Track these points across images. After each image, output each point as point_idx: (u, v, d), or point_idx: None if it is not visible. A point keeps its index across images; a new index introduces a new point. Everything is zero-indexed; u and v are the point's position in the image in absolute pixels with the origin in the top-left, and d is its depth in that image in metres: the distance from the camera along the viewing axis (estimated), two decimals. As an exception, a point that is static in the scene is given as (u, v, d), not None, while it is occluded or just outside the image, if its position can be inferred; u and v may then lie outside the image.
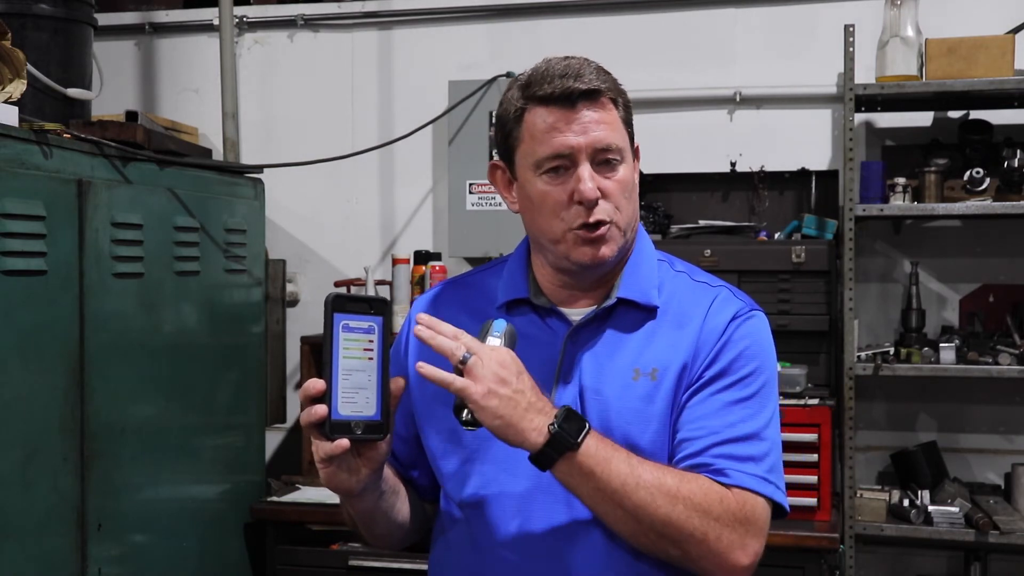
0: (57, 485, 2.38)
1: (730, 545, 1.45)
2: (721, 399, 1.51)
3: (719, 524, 1.44)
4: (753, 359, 1.54)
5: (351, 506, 1.56)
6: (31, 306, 2.30)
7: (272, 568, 3.12)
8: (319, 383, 1.36)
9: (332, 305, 1.35)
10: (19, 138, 2.29)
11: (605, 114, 1.52)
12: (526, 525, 1.51)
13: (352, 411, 1.36)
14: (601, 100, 1.52)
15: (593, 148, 1.51)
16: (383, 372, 1.38)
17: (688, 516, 1.43)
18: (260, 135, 3.90)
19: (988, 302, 3.38)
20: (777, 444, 1.55)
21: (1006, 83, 3.02)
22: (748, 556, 1.47)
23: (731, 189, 3.54)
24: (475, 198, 3.53)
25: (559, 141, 1.50)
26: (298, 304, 3.86)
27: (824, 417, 2.95)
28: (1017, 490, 3.13)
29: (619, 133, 1.54)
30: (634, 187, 1.57)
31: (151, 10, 3.99)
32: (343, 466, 1.41)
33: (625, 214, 1.54)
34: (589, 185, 1.49)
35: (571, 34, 3.61)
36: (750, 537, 1.47)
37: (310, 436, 1.39)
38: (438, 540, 1.65)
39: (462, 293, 1.68)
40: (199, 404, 2.96)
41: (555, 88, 1.50)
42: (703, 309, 1.56)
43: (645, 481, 1.43)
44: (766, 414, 1.54)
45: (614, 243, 1.54)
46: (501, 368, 1.39)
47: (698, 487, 1.45)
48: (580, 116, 1.51)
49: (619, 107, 1.55)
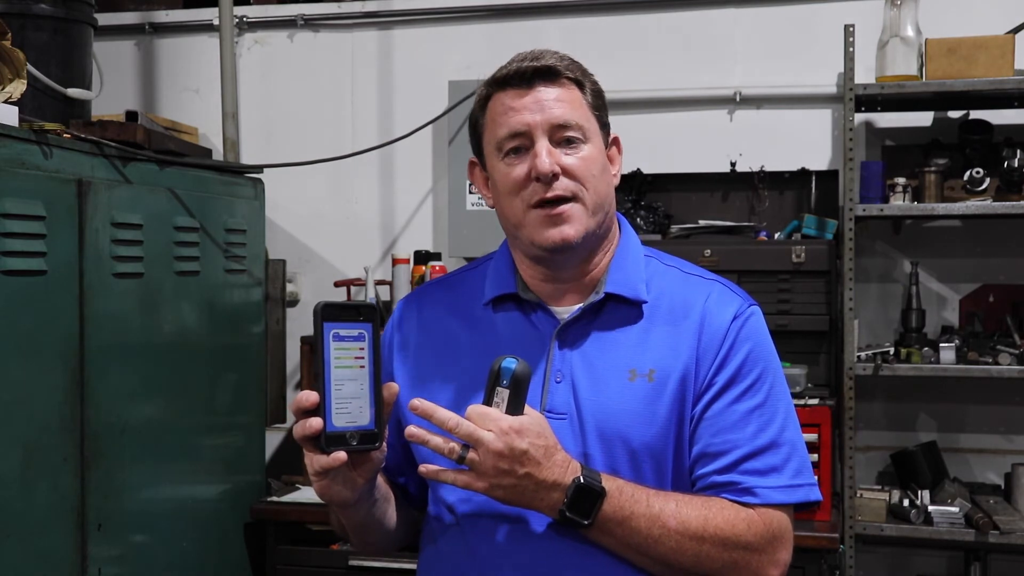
0: (57, 485, 2.38)
1: (760, 565, 1.46)
2: (736, 410, 1.50)
3: (748, 551, 1.45)
4: (759, 361, 1.53)
5: (344, 516, 1.53)
6: (31, 306, 2.30)
7: (272, 568, 3.12)
8: (312, 395, 1.33)
9: (322, 314, 1.33)
10: (19, 138, 2.29)
11: (564, 92, 1.51)
12: (519, 529, 1.48)
13: (346, 422, 1.34)
14: (560, 80, 1.51)
15: (549, 124, 1.49)
16: (375, 379, 1.36)
17: (718, 552, 1.44)
18: (260, 135, 3.90)
19: (988, 302, 3.38)
20: (797, 441, 1.53)
21: (1006, 83, 3.02)
22: (779, 568, 1.48)
23: (731, 189, 3.54)
24: (475, 198, 3.53)
25: (516, 120, 1.50)
26: (298, 304, 3.85)
27: (824, 417, 2.95)
28: (1017, 490, 3.13)
29: (580, 112, 1.52)
30: (604, 170, 1.54)
31: (151, 10, 3.99)
32: (338, 478, 1.39)
33: (594, 193, 1.51)
34: (544, 159, 1.48)
35: (571, 34, 3.60)
36: (780, 551, 1.48)
37: (304, 449, 1.37)
38: (427, 548, 1.62)
39: (448, 293, 1.66)
40: (199, 404, 2.96)
41: (511, 70, 1.51)
42: (699, 306, 1.54)
43: (670, 529, 1.42)
44: (780, 417, 1.52)
45: (579, 223, 1.50)
46: (500, 460, 1.35)
47: (724, 520, 1.45)
48: (536, 93, 1.50)
49: (584, 91, 1.53)
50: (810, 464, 1.54)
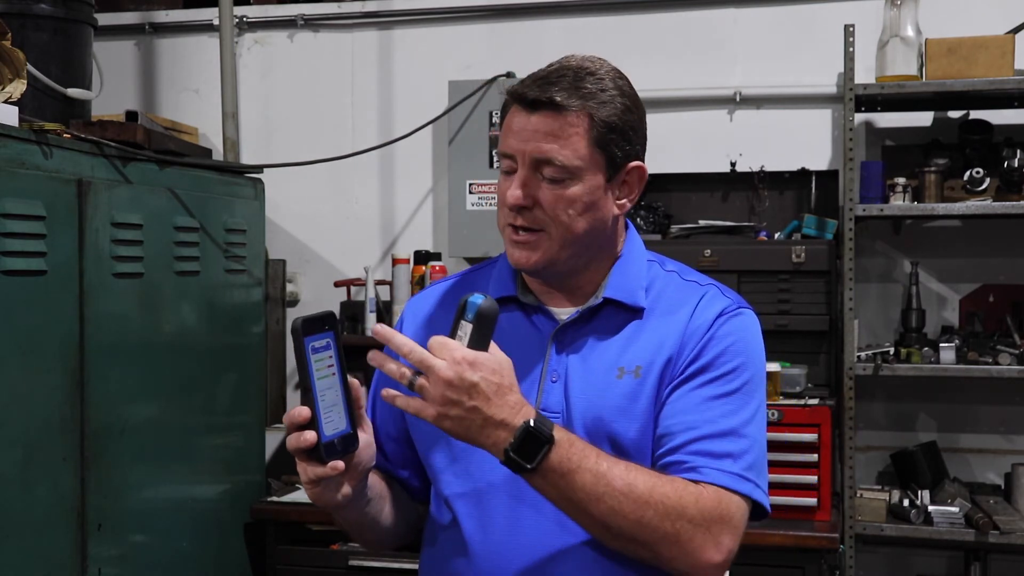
0: (57, 485, 2.38)
1: (703, 544, 1.43)
2: (701, 394, 1.50)
3: (691, 525, 1.42)
4: (738, 355, 1.53)
5: (339, 517, 1.56)
6: (31, 306, 2.30)
7: (272, 568, 3.12)
8: (305, 411, 1.35)
9: (302, 330, 1.34)
10: (19, 138, 2.29)
11: (562, 126, 1.48)
12: (515, 524, 1.51)
13: (333, 430, 1.37)
14: (563, 114, 1.48)
15: (531, 157, 1.49)
16: (344, 384, 1.39)
17: (660, 520, 1.41)
18: (260, 135, 3.90)
19: (988, 302, 3.38)
20: (760, 442, 1.52)
21: (1006, 83, 3.02)
22: (721, 553, 1.44)
23: (731, 189, 3.54)
24: (475, 198, 3.53)
25: (508, 141, 1.52)
26: (298, 304, 3.85)
27: (824, 417, 2.95)
28: (1017, 490, 3.13)
29: (572, 149, 1.48)
30: (589, 207, 1.51)
31: (151, 10, 3.99)
32: (330, 484, 1.41)
33: (565, 230, 1.50)
34: (513, 191, 1.49)
35: (571, 34, 3.60)
36: (724, 535, 1.44)
37: (297, 459, 1.39)
38: (426, 549, 1.64)
39: (454, 293, 1.68)
40: (199, 404, 2.96)
41: (521, 89, 1.51)
42: (690, 306, 1.55)
43: (615, 489, 1.40)
44: (748, 411, 1.51)
45: (542, 252, 1.51)
46: (449, 389, 1.33)
47: (672, 489, 1.43)
48: (530, 123, 1.49)
49: (593, 123, 1.49)
50: (766, 471, 1.52)
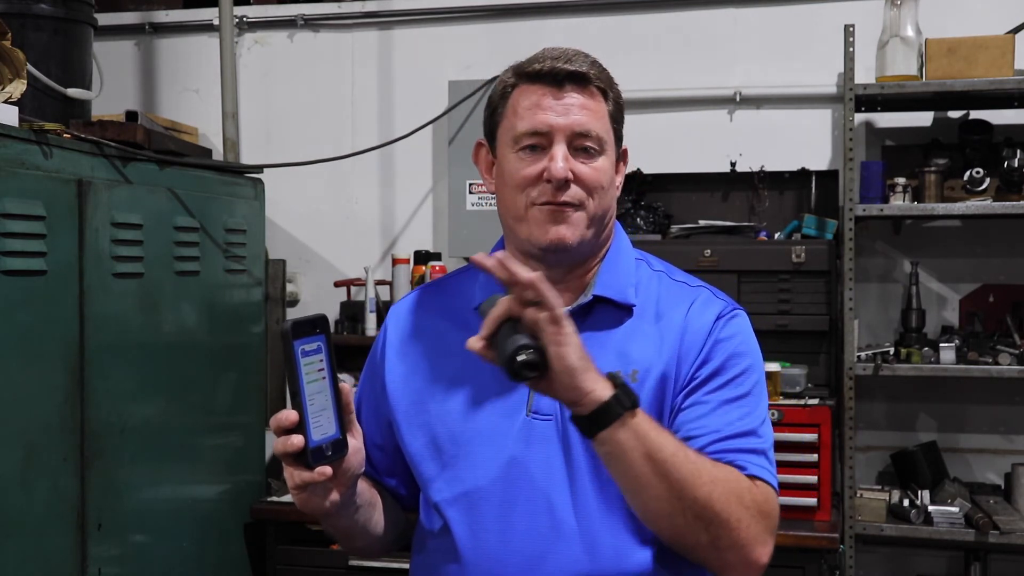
0: (57, 485, 2.38)
1: (756, 538, 1.41)
2: (717, 398, 1.49)
3: (749, 513, 1.41)
4: (745, 357, 1.53)
5: (327, 524, 1.54)
6: (31, 306, 2.30)
7: (272, 568, 3.12)
8: (292, 414, 1.33)
9: (292, 333, 1.33)
10: (19, 138, 2.29)
11: (591, 101, 1.51)
12: (508, 530, 1.48)
13: (321, 435, 1.35)
14: (590, 88, 1.51)
15: (572, 131, 1.49)
16: (334, 388, 1.37)
17: (727, 499, 1.38)
18: (260, 135, 3.90)
19: (988, 302, 3.38)
20: (771, 441, 1.52)
21: (1006, 83, 3.02)
22: (767, 554, 1.43)
23: (731, 189, 3.54)
24: (475, 198, 3.53)
25: (540, 118, 1.50)
26: (298, 304, 3.85)
27: (824, 417, 2.95)
28: (1017, 490, 3.13)
29: (602, 123, 1.52)
30: (611, 183, 1.54)
31: (151, 10, 3.99)
32: (318, 490, 1.39)
33: (597, 204, 1.51)
34: (560, 164, 1.48)
35: (571, 34, 3.60)
36: (769, 533, 1.44)
37: (284, 464, 1.37)
38: (416, 557, 1.62)
39: (439, 298, 1.66)
40: (199, 404, 2.96)
41: (544, 66, 1.50)
42: (683, 310, 1.54)
43: (691, 455, 1.38)
44: (761, 412, 1.52)
45: (577, 228, 1.50)
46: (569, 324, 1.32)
47: (730, 472, 1.42)
48: (565, 98, 1.50)
49: (608, 101, 1.53)
50: None
